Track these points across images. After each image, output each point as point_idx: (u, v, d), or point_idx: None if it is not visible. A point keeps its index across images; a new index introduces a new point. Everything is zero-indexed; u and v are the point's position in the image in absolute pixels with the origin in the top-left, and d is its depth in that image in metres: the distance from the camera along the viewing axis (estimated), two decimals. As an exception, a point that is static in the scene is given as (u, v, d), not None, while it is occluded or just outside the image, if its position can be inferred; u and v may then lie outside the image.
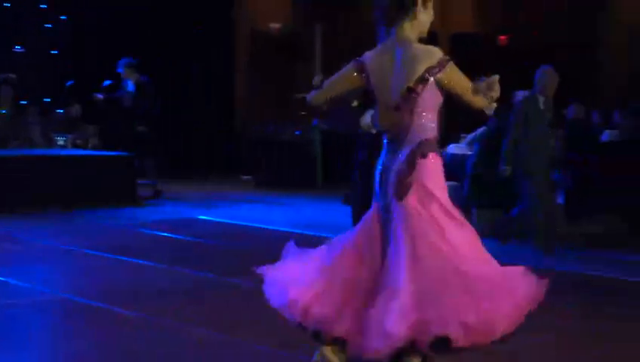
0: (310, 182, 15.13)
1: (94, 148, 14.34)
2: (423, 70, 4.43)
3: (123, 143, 13.03)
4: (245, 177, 16.55)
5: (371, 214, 4.61)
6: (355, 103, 5.43)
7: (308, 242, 9.82)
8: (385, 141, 4.63)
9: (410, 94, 4.45)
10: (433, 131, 4.52)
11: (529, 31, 18.57)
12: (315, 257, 4.77)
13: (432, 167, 4.48)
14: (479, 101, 4.55)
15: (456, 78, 4.52)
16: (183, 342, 5.69)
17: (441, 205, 4.44)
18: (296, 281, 4.62)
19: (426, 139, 4.48)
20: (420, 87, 4.44)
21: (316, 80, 14.01)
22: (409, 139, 4.49)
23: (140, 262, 8.31)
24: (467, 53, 18.73)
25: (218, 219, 11.33)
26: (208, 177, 16.43)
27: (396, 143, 4.54)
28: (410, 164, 4.45)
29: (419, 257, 4.33)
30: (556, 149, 9.36)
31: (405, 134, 4.50)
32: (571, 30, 19.02)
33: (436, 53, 4.48)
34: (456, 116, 15.20)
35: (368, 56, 4.61)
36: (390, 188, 4.50)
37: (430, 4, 4.62)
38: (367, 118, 4.64)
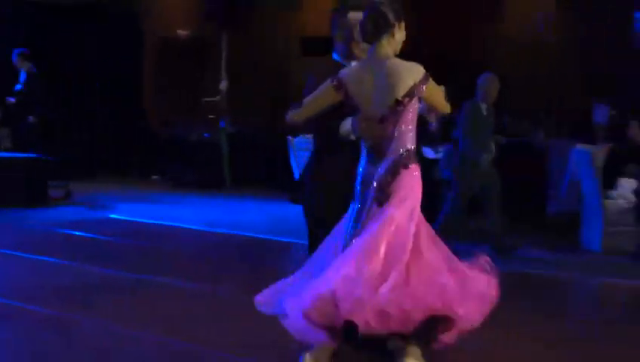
0: (219, 181, 15.19)
1: (6, 150, 14.17)
2: (410, 84, 4.57)
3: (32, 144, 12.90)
4: (155, 177, 16.56)
5: (347, 215, 4.73)
6: None
7: (216, 239, 10.02)
8: (364, 150, 4.71)
9: (398, 107, 4.57)
10: (413, 142, 4.65)
11: (432, 37, 18.84)
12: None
13: (412, 177, 4.62)
14: (448, 109, 4.85)
15: (435, 92, 4.73)
16: (97, 337, 5.64)
17: (416, 213, 4.57)
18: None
19: (407, 150, 4.62)
20: (407, 100, 4.57)
21: (222, 85, 14.16)
22: (392, 150, 4.61)
23: (51, 260, 8.19)
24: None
25: (129, 218, 11.29)
26: (119, 178, 16.34)
27: (377, 153, 4.65)
28: (393, 174, 4.57)
29: (385, 259, 4.40)
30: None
31: (388, 145, 4.61)
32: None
33: (420, 69, 4.62)
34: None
35: (346, 72, 4.71)
36: (371, 194, 4.60)
37: (403, 24, 4.72)
38: (347, 125, 4.69)
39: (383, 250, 4.40)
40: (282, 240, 9.89)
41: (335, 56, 5.12)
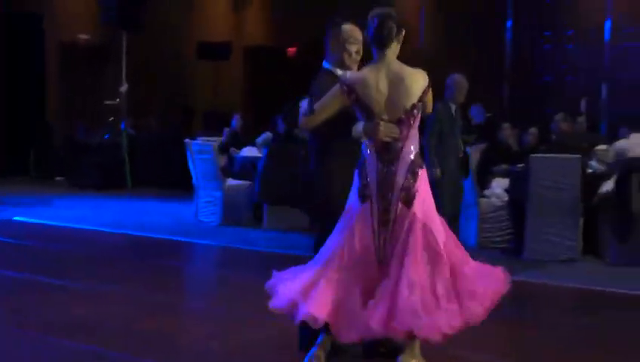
0: (120, 183, 15.00)
1: None
2: (421, 89, 4.68)
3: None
4: (59, 178, 16.27)
5: (361, 213, 4.65)
6: None
7: (118, 240, 9.90)
8: (371, 151, 4.68)
9: (414, 110, 4.66)
10: (417, 143, 4.74)
11: (313, 43, 18.99)
12: (311, 265, 4.82)
13: (425, 178, 4.69)
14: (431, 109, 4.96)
15: (430, 96, 4.81)
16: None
17: (433, 210, 4.67)
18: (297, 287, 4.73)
19: (417, 152, 4.70)
20: (419, 103, 4.67)
21: (122, 88, 13.86)
22: (405, 151, 4.65)
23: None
24: (259, 63, 19.02)
25: (33, 220, 11.07)
26: (22, 180, 16.01)
27: (388, 153, 4.65)
28: (414, 175, 4.62)
29: (420, 262, 4.51)
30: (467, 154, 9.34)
31: (400, 146, 4.64)
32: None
33: (425, 74, 4.75)
34: (252, 122, 15.47)
35: (354, 78, 4.74)
36: (394, 194, 4.60)
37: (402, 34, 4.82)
38: (359, 128, 4.70)
39: (425, 259, 4.53)
40: (182, 239, 9.86)
41: (326, 64, 5.13)
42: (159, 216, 11.79)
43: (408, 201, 4.59)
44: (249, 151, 11.46)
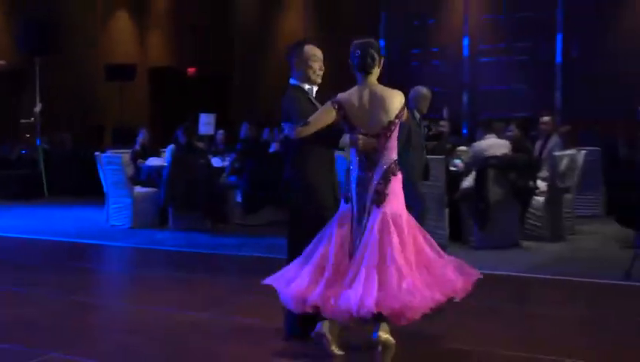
0: (38, 193, 14.68)
1: None
2: (398, 108, 4.87)
3: None
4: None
5: (344, 214, 4.87)
6: None
7: (41, 245, 9.64)
8: (356, 159, 4.88)
9: (391, 126, 4.85)
10: (396, 154, 4.91)
11: (211, 63, 18.96)
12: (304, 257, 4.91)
13: (398, 183, 4.88)
14: None
15: (406, 113, 5.00)
16: None
17: (403, 209, 4.85)
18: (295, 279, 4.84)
19: (394, 161, 4.88)
20: (397, 120, 4.86)
21: (37, 108, 13.53)
22: (383, 160, 4.85)
23: None
24: (163, 83, 18.88)
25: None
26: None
27: (370, 162, 4.86)
28: (386, 180, 4.82)
29: (397, 248, 4.67)
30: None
31: (380, 156, 4.84)
32: (243, 62, 19.65)
33: (402, 95, 4.95)
34: (157, 135, 15.26)
35: (343, 97, 4.90)
36: (370, 197, 4.81)
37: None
38: (345, 139, 4.83)
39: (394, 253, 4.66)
40: (96, 243, 9.70)
41: (293, 80, 5.23)
42: (74, 221, 11.56)
43: (379, 202, 4.79)
44: (155, 161, 11.35)
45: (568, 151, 9.34)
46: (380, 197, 4.81)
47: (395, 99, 4.89)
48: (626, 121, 12.98)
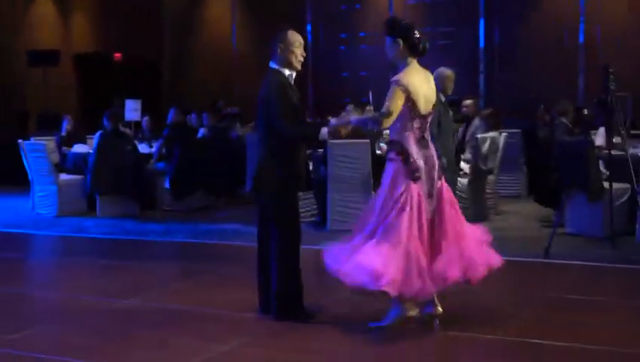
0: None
1: None
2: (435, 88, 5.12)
3: None
4: None
5: (417, 195, 4.88)
6: None
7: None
8: (415, 138, 4.94)
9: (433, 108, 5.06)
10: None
11: (137, 48, 18.69)
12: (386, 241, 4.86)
13: None
14: None
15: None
16: None
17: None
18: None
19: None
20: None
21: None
22: (430, 140, 5.07)
23: None
24: (88, 69, 18.53)
25: None
26: None
27: (425, 141, 5.00)
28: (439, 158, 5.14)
29: (457, 224, 5.01)
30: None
31: (428, 135, 5.05)
32: (171, 48, 19.45)
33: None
34: (83, 122, 15.03)
35: (405, 79, 4.91)
36: (435, 175, 4.99)
37: None
38: (324, 133, 4.99)
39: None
40: (22, 232, 9.54)
41: (273, 64, 5.20)
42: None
43: (440, 178, 5.07)
44: (81, 148, 11.17)
45: (490, 134, 9.53)
46: (441, 172, 5.07)
47: (433, 81, 5.13)
48: (545, 103, 13.29)
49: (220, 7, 19.19)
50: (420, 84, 4.96)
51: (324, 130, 5.03)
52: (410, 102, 4.90)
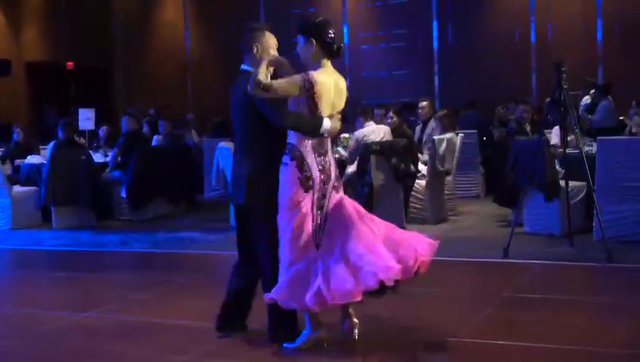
0: None
1: None
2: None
3: None
4: None
5: (305, 205, 4.51)
6: None
7: None
8: (311, 144, 4.57)
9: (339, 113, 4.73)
10: None
11: (89, 57, 18.51)
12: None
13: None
14: None
15: None
16: None
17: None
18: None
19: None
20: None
21: None
22: (329, 145, 4.72)
23: None
24: (40, 78, 18.28)
25: None
26: None
27: (321, 147, 4.63)
28: (336, 165, 4.75)
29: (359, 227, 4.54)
30: None
31: (326, 140, 4.68)
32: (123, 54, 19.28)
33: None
34: (35, 132, 14.77)
35: (315, 75, 4.54)
36: (330, 187, 4.60)
37: None
38: (326, 126, 4.58)
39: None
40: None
41: (245, 66, 4.84)
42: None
43: (338, 189, 4.69)
44: (34, 159, 10.98)
45: (446, 135, 9.56)
46: (339, 184, 4.71)
47: (345, 87, 4.77)
48: (500, 103, 13.41)
49: (171, 11, 19.05)
50: (329, 89, 4.59)
51: (327, 122, 4.60)
52: (312, 103, 4.53)
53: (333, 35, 4.67)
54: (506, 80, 15.15)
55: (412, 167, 8.91)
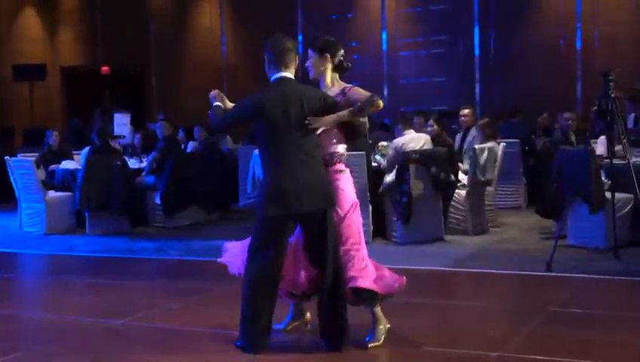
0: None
1: None
2: None
3: None
4: None
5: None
6: None
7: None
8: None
9: None
10: None
11: (125, 61, 18.69)
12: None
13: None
14: None
15: None
16: None
17: None
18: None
19: None
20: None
21: None
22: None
23: None
24: (75, 82, 18.52)
25: None
26: None
27: None
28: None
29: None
30: None
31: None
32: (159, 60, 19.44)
33: None
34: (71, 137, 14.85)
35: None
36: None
37: None
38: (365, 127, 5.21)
39: None
40: (9, 251, 9.49)
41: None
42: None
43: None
44: (69, 164, 11.10)
45: (488, 144, 9.50)
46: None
47: None
48: (543, 112, 13.30)
49: (208, 17, 19.18)
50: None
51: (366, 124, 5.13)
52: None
53: (343, 53, 5.21)
54: (549, 88, 15.01)
55: (452, 176, 8.87)
